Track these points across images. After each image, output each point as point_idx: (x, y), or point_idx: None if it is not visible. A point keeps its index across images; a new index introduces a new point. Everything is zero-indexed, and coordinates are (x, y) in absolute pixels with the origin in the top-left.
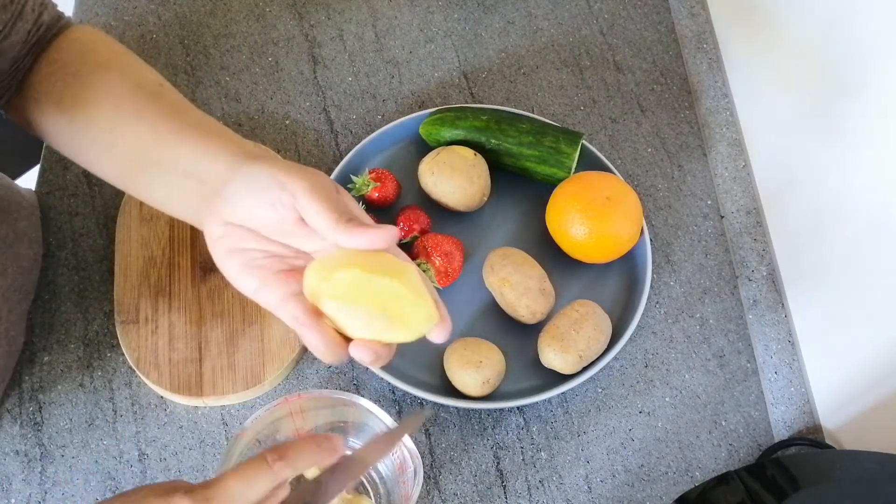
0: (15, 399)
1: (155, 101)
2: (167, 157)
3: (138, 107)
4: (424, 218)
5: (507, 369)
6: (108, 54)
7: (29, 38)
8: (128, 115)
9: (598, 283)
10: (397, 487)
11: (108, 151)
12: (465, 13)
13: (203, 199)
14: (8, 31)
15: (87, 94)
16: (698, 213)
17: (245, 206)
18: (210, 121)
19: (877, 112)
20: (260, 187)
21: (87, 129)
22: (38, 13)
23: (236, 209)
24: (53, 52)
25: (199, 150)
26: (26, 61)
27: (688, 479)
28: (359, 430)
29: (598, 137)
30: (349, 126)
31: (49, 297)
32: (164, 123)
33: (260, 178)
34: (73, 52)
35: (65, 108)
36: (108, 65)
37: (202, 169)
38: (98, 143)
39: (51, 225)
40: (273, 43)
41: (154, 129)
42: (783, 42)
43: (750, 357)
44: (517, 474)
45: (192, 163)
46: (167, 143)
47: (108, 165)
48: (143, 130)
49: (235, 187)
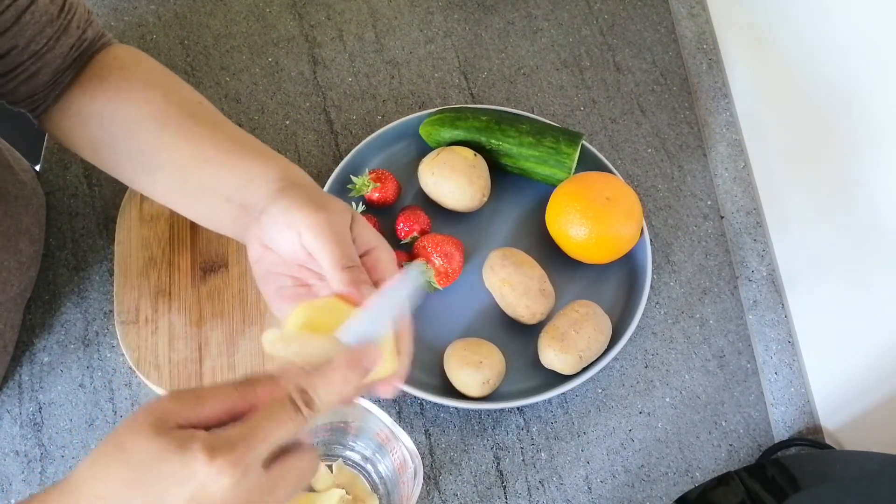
0: (15, 400)
1: (197, 122)
2: (210, 182)
3: (181, 127)
4: (424, 218)
5: (507, 370)
6: (148, 73)
7: (71, 53)
8: (171, 135)
9: (598, 284)
10: (397, 488)
11: (151, 171)
12: (465, 14)
13: (245, 223)
14: (52, 44)
15: (130, 112)
16: (698, 214)
17: (272, 235)
18: (250, 140)
19: (878, 111)
20: (278, 222)
21: (129, 147)
22: (82, 29)
23: (267, 237)
24: (95, 67)
25: (240, 176)
26: (66, 75)
27: (688, 479)
28: (358, 431)
29: (598, 138)
30: (349, 126)
31: (49, 297)
32: (206, 145)
33: (276, 214)
34: (112, 70)
35: (105, 124)
36: (149, 83)
37: (243, 195)
38: (141, 163)
39: (51, 225)
40: (273, 43)
41: (197, 151)
42: (783, 42)
43: (750, 357)
44: (517, 475)
45: (234, 189)
46: (210, 167)
47: (151, 184)
48: (187, 152)
49: (268, 218)
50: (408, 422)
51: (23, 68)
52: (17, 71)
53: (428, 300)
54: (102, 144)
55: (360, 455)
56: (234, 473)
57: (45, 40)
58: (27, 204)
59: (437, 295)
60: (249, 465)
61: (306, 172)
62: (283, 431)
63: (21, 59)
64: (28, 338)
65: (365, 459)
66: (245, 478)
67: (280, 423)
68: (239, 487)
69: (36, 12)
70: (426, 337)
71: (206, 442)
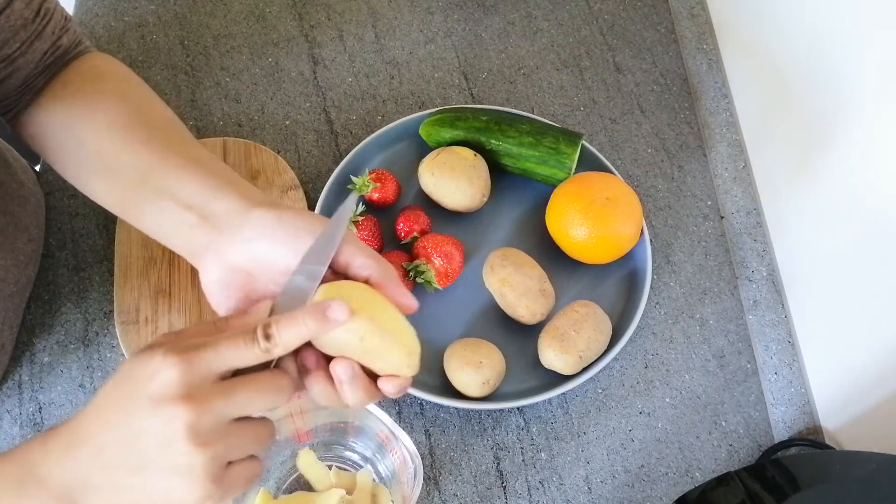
0: (15, 400)
1: (168, 136)
2: (170, 186)
3: (151, 137)
4: (424, 218)
5: (508, 370)
6: (124, 84)
7: (44, 59)
8: (138, 141)
9: (598, 284)
10: (397, 488)
11: (109, 176)
12: (465, 14)
13: (200, 235)
14: (25, 49)
15: (100, 120)
16: (698, 214)
17: (254, 247)
18: (220, 163)
19: (878, 111)
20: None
21: (91, 150)
22: (57, 36)
23: (244, 251)
24: (69, 74)
25: (206, 186)
26: (38, 80)
27: (688, 479)
28: (358, 431)
29: (598, 138)
30: (349, 127)
31: (49, 297)
32: (173, 155)
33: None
34: (87, 78)
35: (74, 130)
36: (123, 95)
37: (207, 205)
38: (101, 168)
39: (51, 225)
40: (273, 44)
41: (163, 159)
42: (783, 42)
43: (750, 357)
44: (517, 475)
45: (197, 196)
46: (174, 173)
47: (106, 190)
48: (152, 159)
49: (247, 231)
50: (408, 422)
51: None
52: None
53: (428, 300)
54: (66, 149)
55: (360, 455)
56: (181, 365)
57: (17, 44)
58: (24, 202)
59: (437, 295)
60: (198, 365)
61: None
62: (238, 353)
63: None
64: (28, 338)
65: (365, 459)
66: (192, 371)
67: (236, 345)
68: (185, 379)
69: (11, 16)
70: (426, 337)
71: (168, 343)
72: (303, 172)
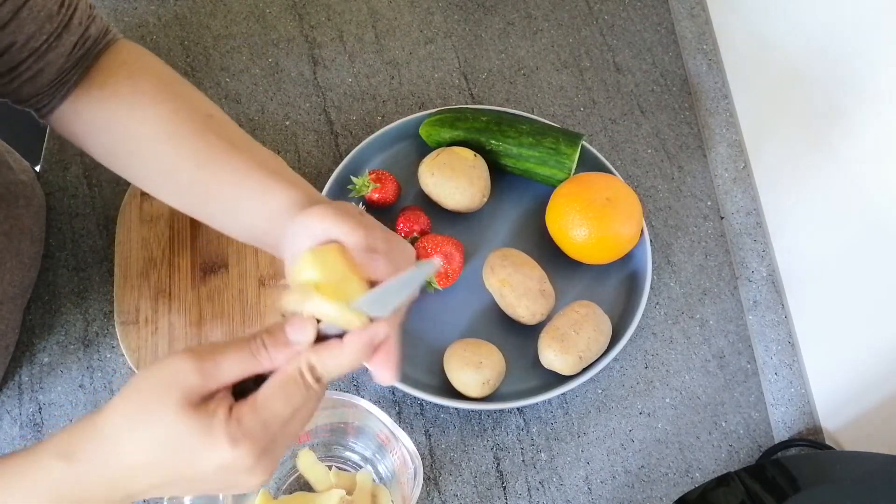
0: (15, 400)
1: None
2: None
3: (196, 145)
4: (424, 219)
5: (507, 370)
6: (158, 82)
7: (75, 51)
8: (187, 153)
9: (598, 284)
10: (397, 488)
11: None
12: (465, 14)
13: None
14: (54, 42)
15: (145, 130)
16: (698, 214)
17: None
18: (264, 152)
19: (879, 112)
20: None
21: (148, 165)
22: (85, 26)
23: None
24: (103, 75)
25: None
26: (72, 74)
27: (688, 480)
28: (358, 432)
29: (598, 138)
30: (349, 127)
31: (49, 297)
32: (224, 163)
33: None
34: (122, 79)
35: (120, 139)
36: (159, 96)
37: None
38: (157, 178)
39: (51, 226)
40: (273, 44)
41: (215, 174)
42: (783, 42)
43: (750, 358)
44: (517, 475)
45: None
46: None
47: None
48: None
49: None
50: (408, 422)
51: (25, 66)
52: (19, 70)
53: (428, 300)
54: (117, 156)
55: (360, 455)
56: (255, 454)
57: (45, 37)
58: (28, 204)
59: (437, 295)
60: (266, 447)
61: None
62: (295, 408)
63: (21, 57)
64: (28, 338)
65: (365, 460)
66: (265, 455)
67: (292, 401)
68: (261, 462)
69: (34, 8)
70: (426, 337)
71: (229, 433)
72: (303, 173)
